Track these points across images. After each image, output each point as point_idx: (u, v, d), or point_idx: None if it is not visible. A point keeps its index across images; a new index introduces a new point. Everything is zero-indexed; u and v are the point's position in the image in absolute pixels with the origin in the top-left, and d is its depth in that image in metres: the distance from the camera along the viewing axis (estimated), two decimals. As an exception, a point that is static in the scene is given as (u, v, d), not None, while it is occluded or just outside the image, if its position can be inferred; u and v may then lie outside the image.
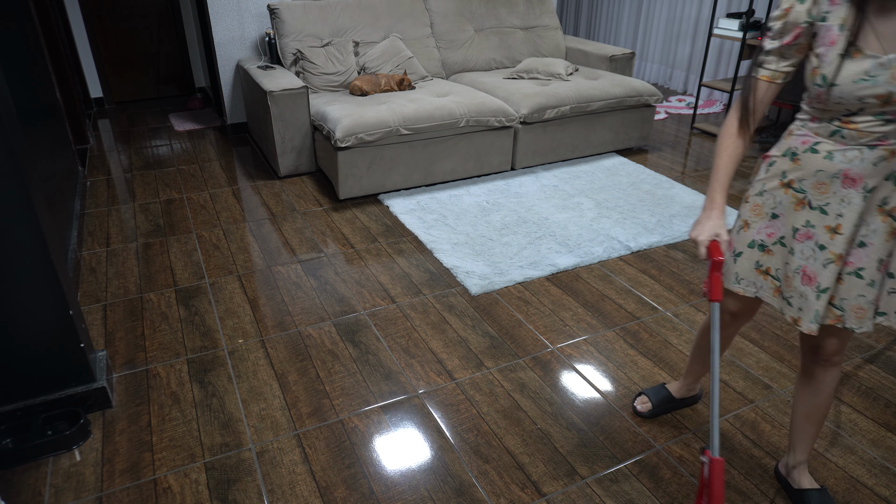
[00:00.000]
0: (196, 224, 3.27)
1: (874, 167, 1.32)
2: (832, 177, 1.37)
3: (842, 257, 1.39)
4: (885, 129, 1.29)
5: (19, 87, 2.54)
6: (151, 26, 5.53)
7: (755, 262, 1.55)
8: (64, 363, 1.90)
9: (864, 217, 1.37)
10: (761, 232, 1.53)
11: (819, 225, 1.41)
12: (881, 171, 1.33)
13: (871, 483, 1.74)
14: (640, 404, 1.99)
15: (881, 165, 1.32)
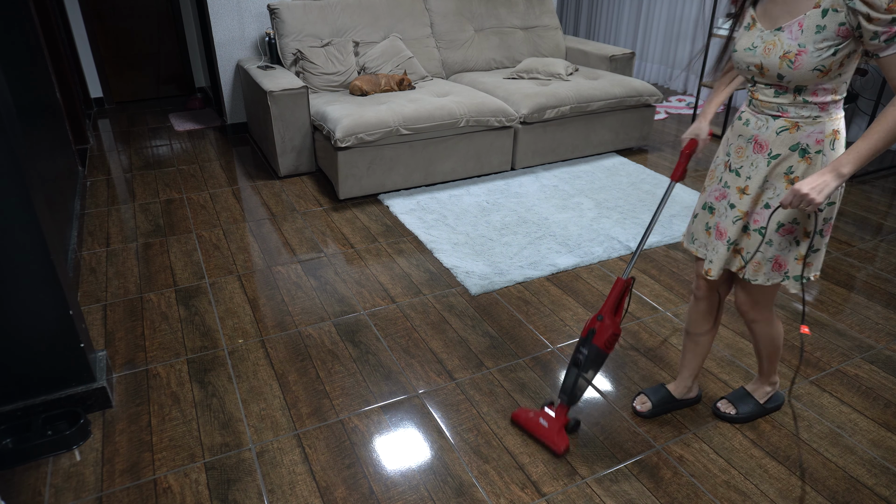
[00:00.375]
0: (196, 224, 3.27)
1: (777, 136, 1.49)
2: (747, 141, 1.56)
3: (748, 214, 1.58)
4: (780, 101, 1.46)
5: (19, 87, 2.54)
6: (151, 26, 5.53)
7: (705, 224, 1.75)
8: (64, 363, 1.90)
9: (771, 181, 1.54)
10: (711, 195, 1.72)
11: (733, 185, 1.62)
12: (784, 140, 1.49)
13: (871, 483, 1.74)
14: (640, 404, 2.00)
15: (783, 135, 1.49)
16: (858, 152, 1.34)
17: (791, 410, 2.00)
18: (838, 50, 1.35)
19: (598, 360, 1.81)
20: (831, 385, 2.12)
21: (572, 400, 1.85)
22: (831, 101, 1.44)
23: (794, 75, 1.39)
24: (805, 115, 1.45)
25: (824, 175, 1.37)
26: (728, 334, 2.38)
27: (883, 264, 2.88)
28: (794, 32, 1.37)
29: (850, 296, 2.63)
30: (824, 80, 1.40)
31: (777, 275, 1.62)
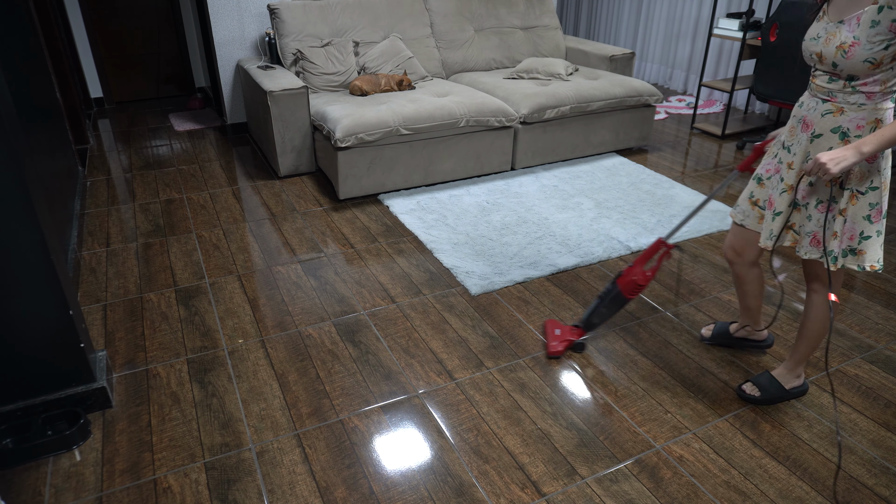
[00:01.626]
0: (196, 224, 3.27)
1: (822, 118, 1.62)
2: (798, 121, 1.69)
3: (793, 188, 1.71)
4: (832, 87, 1.59)
5: (19, 87, 2.54)
6: (151, 26, 5.53)
7: (750, 193, 1.90)
8: (64, 363, 1.90)
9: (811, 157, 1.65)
10: (763, 167, 1.87)
11: (784, 161, 1.74)
12: (828, 122, 1.61)
13: (871, 483, 1.74)
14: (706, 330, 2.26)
15: (827, 118, 1.61)
16: (883, 135, 1.46)
17: (830, 385, 2.00)
18: (890, 45, 1.46)
19: (617, 300, 2.09)
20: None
21: (587, 326, 2.19)
22: (879, 92, 1.53)
23: (846, 65, 1.51)
24: (852, 101, 1.56)
25: (846, 150, 1.49)
26: (728, 334, 2.38)
27: (883, 264, 2.88)
28: (852, 25, 1.50)
29: (850, 296, 2.63)
30: (875, 72, 1.50)
31: (815, 250, 1.70)
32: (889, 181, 1.63)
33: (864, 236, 1.64)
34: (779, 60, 3.89)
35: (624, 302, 2.09)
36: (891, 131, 1.46)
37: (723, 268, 2.84)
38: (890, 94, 1.54)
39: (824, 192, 1.65)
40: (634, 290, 2.04)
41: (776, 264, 2.87)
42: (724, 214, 3.32)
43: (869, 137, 1.48)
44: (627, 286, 2.05)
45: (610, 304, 2.10)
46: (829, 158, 1.49)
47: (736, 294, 2.06)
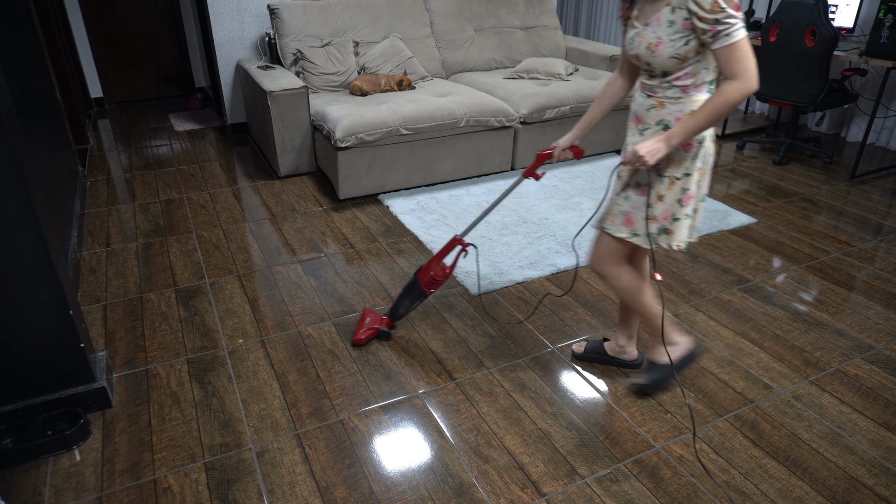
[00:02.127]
0: (196, 224, 3.27)
1: (647, 112, 1.73)
2: (632, 116, 1.81)
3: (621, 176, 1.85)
4: (652, 83, 1.71)
5: (19, 87, 2.54)
6: (151, 26, 5.53)
7: None
8: (64, 363, 1.90)
9: None
10: None
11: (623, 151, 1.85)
12: (653, 116, 1.72)
13: (871, 483, 1.74)
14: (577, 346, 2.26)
15: (652, 112, 1.72)
16: (686, 127, 1.59)
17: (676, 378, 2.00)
18: (689, 41, 1.57)
19: (417, 292, 2.23)
20: (831, 385, 2.12)
21: (393, 316, 2.33)
22: (691, 85, 1.64)
23: (657, 62, 1.64)
24: (669, 95, 1.67)
25: (658, 142, 1.62)
26: (728, 334, 2.38)
27: (883, 264, 2.88)
28: (654, 27, 1.62)
29: (850, 296, 2.63)
30: (684, 66, 1.62)
31: (625, 230, 1.82)
32: (709, 167, 1.75)
33: (675, 218, 1.76)
34: (779, 60, 3.88)
35: (424, 294, 2.24)
36: (693, 122, 1.57)
37: (722, 268, 2.84)
38: (702, 85, 1.64)
39: (643, 177, 1.76)
40: (432, 283, 2.20)
41: (776, 264, 2.87)
42: (725, 214, 3.32)
43: (675, 129, 1.60)
44: (426, 280, 2.19)
45: (412, 297, 2.26)
46: (647, 151, 1.61)
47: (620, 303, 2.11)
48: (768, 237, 3.12)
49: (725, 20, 1.48)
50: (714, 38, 1.50)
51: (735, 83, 1.51)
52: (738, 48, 1.49)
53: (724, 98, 1.52)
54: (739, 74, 1.51)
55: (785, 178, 3.88)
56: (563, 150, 2.00)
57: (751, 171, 3.99)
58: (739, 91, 1.51)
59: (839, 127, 4.73)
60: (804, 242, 3.07)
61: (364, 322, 2.35)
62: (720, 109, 1.54)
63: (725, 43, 1.50)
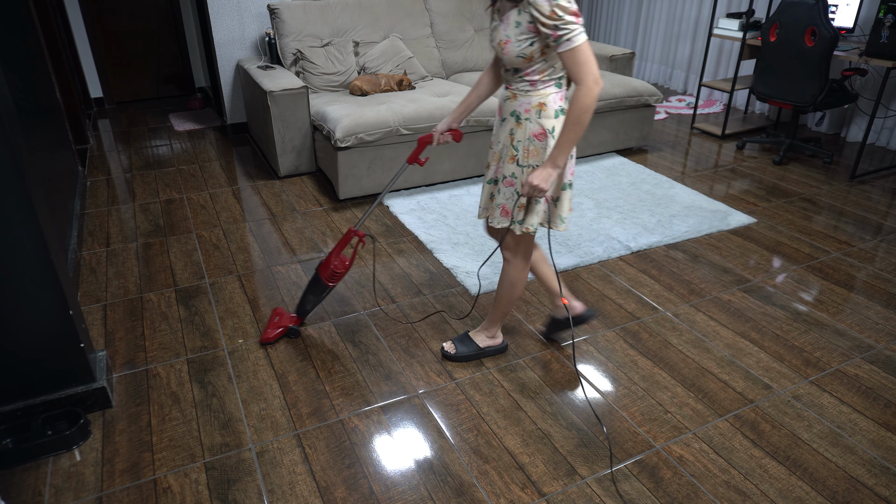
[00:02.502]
0: (196, 224, 3.27)
1: (505, 103, 1.84)
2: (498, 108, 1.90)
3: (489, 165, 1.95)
4: (507, 76, 1.80)
5: (19, 87, 2.54)
6: (151, 26, 5.53)
7: None
8: (64, 363, 1.90)
9: (501, 138, 1.88)
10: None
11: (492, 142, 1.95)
12: (508, 107, 1.83)
13: (872, 483, 1.74)
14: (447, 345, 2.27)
15: (507, 103, 1.83)
16: (560, 145, 1.69)
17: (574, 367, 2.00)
18: (534, 42, 1.66)
19: (320, 286, 2.28)
20: (831, 385, 2.12)
21: (300, 313, 2.36)
22: (539, 80, 1.75)
23: (505, 59, 1.73)
24: (521, 88, 1.78)
25: (546, 168, 1.73)
26: (728, 334, 2.38)
27: (883, 264, 2.88)
28: (505, 25, 1.70)
29: (850, 296, 2.63)
30: (531, 65, 1.71)
31: (505, 220, 1.92)
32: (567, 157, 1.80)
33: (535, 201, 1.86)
34: (779, 60, 3.88)
35: (326, 288, 2.28)
36: (564, 137, 1.67)
37: (722, 268, 2.84)
38: (550, 81, 1.76)
39: (508, 169, 1.86)
40: (333, 276, 2.26)
41: (776, 264, 2.87)
42: (725, 214, 3.32)
43: (554, 151, 1.70)
44: (327, 274, 2.25)
45: (315, 292, 2.31)
46: (540, 180, 1.72)
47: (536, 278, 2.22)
48: (768, 237, 3.12)
49: (564, 26, 1.57)
50: (557, 42, 1.60)
51: (581, 88, 1.60)
52: (579, 52, 1.58)
53: (579, 105, 1.62)
54: (583, 78, 1.60)
55: (785, 178, 3.88)
56: (441, 133, 2.07)
57: (751, 171, 3.99)
58: (588, 95, 1.60)
59: (839, 127, 4.73)
60: (804, 242, 3.07)
61: (273, 321, 2.36)
62: (580, 117, 1.63)
63: (568, 47, 1.59)
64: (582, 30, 1.59)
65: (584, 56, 1.59)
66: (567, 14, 1.56)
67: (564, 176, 1.88)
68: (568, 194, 1.91)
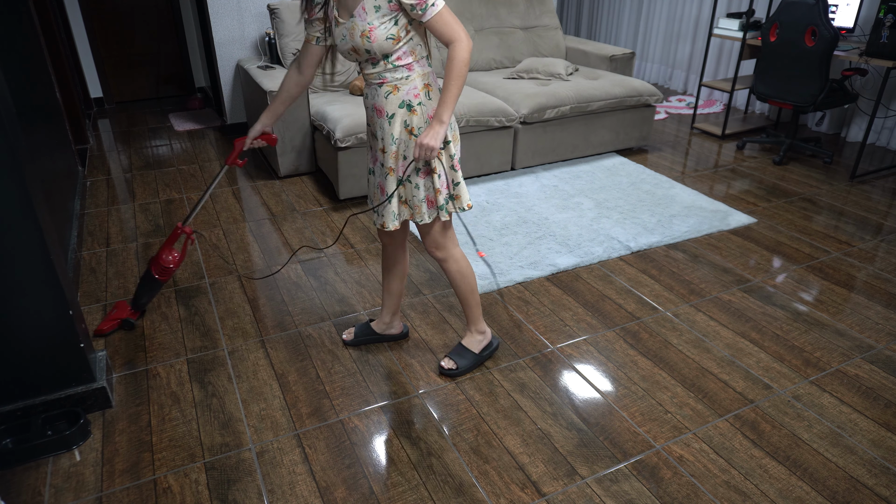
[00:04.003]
0: (196, 224, 3.27)
1: (387, 100, 1.79)
2: (371, 111, 1.85)
3: (393, 169, 1.87)
4: (378, 70, 1.76)
5: (19, 87, 2.54)
6: (151, 26, 5.53)
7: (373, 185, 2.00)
8: (64, 363, 1.90)
9: (399, 137, 1.82)
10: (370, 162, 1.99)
11: (376, 148, 1.89)
12: (393, 101, 1.79)
13: (872, 483, 1.74)
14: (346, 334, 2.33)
15: (391, 98, 1.78)
16: (446, 101, 1.70)
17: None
18: (398, 19, 1.68)
19: (152, 281, 2.36)
20: (831, 385, 2.12)
21: (136, 306, 2.42)
22: (413, 62, 1.76)
23: (375, 46, 1.70)
24: (399, 77, 1.76)
25: (433, 126, 1.73)
26: (728, 334, 2.38)
27: (883, 264, 2.88)
28: (362, 16, 1.69)
29: (850, 296, 2.63)
30: (400, 46, 1.72)
31: (433, 210, 1.91)
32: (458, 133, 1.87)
33: (455, 183, 1.88)
34: (779, 60, 3.88)
35: (158, 283, 2.36)
36: (447, 93, 1.70)
37: (722, 268, 2.84)
38: (422, 59, 1.78)
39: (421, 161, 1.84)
40: (164, 272, 2.34)
41: (776, 264, 2.87)
42: (725, 214, 3.32)
43: (438, 108, 1.72)
44: (157, 268, 2.33)
45: (148, 286, 2.36)
46: (429, 138, 1.72)
47: (384, 278, 2.22)
48: (768, 237, 3.12)
49: None
50: (423, 10, 1.64)
51: (458, 44, 1.67)
52: (445, 14, 1.66)
53: (458, 60, 1.67)
54: (455, 37, 1.67)
55: (785, 178, 3.88)
56: (252, 139, 2.07)
57: (751, 171, 3.99)
58: (465, 49, 1.67)
59: (839, 127, 4.73)
60: (804, 242, 3.07)
61: (111, 313, 2.42)
62: (461, 70, 1.68)
63: (433, 13, 1.65)
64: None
65: (450, 16, 1.67)
66: None
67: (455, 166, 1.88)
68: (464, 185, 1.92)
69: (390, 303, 2.25)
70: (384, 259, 2.18)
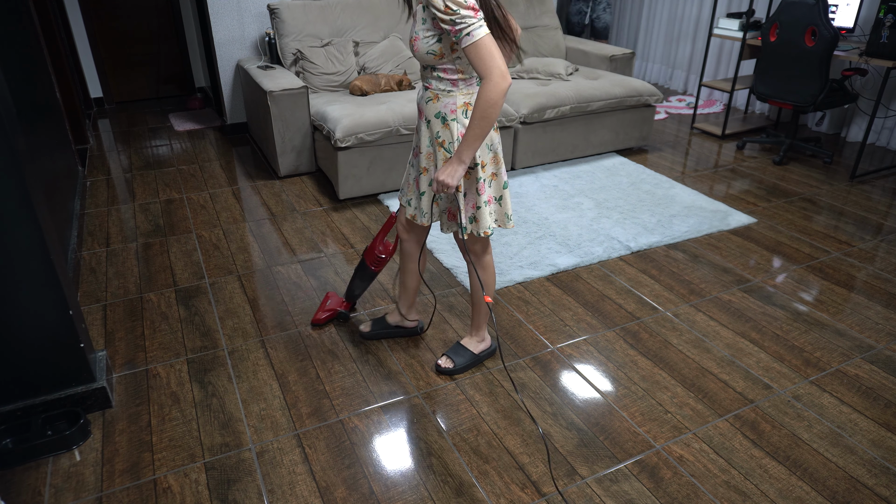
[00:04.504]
0: (196, 224, 3.27)
1: (427, 104, 1.80)
2: (418, 108, 1.86)
3: (426, 170, 1.87)
4: (426, 75, 1.78)
5: (19, 87, 2.54)
6: (151, 26, 5.53)
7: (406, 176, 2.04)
8: (64, 363, 1.90)
9: (430, 143, 1.84)
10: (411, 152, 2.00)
11: (416, 145, 1.92)
12: (431, 108, 1.79)
13: (872, 483, 1.74)
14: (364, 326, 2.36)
15: (430, 104, 1.79)
16: (466, 141, 1.66)
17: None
18: (441, 38, 1.66)
19: (363, 271, 2.33)
20: (831, 385, 2.12)
21: (349, 298, 2.43)
22: (459, 79, 1.74)
23: (417, 56, 1.72)
24: (442, 88, 1.76)
25: (452, 164, 1.71)
26: (728, 334, 2.38)
27: (883, 264, 2.88)
28: (414, 23, 1.72)
29: (850, 296, 2.63)
30: (444, 62, 1.70)
31: (454, 224, 1.94)
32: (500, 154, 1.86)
33: (476, 207, 1.87)
34: (779, 60, 3.88)
35: (372, 273, 2.33)
36: (470, 133, 1.64)
37: (722, 268, 2.84)
38: (471, 79, 1.75)
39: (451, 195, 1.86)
40: (378, 261, 2.29)
41: (776, 264, 2.87)
42: (725, 214, 3.32)
43: (461, 146, 1.68)
44: (371, 259, 2.30)
45: (362, 277, 2.35)
46: (446, 175, 1.71)
47: (399, 272, 2.23)
48: (768, 237, 3.12)
49: (461, 21, 1.54)
50: (457, 38, 1.57)
51: (487, 83, 1.56)
52: (480, 46, 1.54)
53: (484, 100, 1.58)
54: (488, 73, 1.56)
55: (785, 178, 3.88)
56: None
57: (751, 171, 3.99)
58: (493, 90, 1.56)
59: (839, 127, 4.73)
60: (804, 242, 3.07)
61: (324, 304, 2.45)
62: (486, 112, 1.59)
63: (468, 42, 1.55)
64: (482, 24, 1.55)
65: (486, 50, 1.55)
66: (462, 8, 1.53)
67: (501, 175, 1.89)
68: (486, 211, 1.89)
69: (404, 297, 2.26)
70: (401, 254, 2.19)
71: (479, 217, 1.88)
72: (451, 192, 1.74)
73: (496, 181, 1.89)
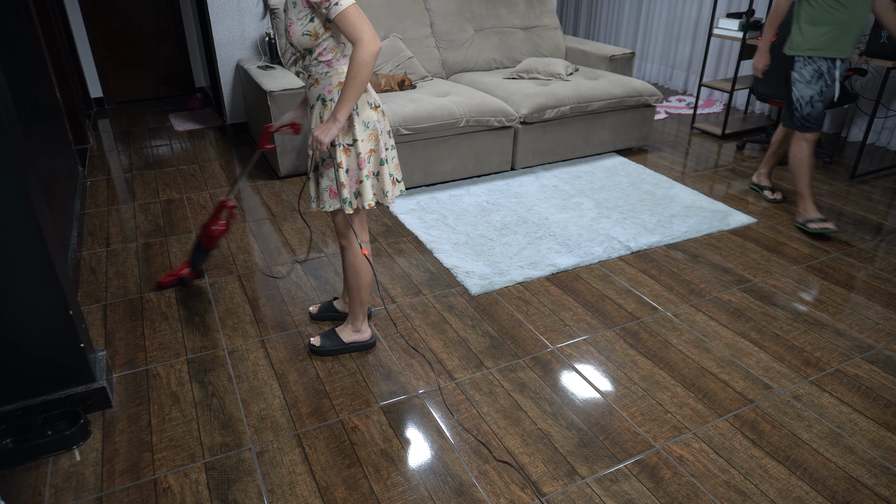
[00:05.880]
0: (196, 224, 3.27)
1: (310, 90, 1.91)
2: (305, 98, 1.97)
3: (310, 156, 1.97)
4: (306, 63, 1.87)
5: (19, 87, 2.54)
6: (151, 26, 5.53)
7: None
8: (64, 363, 1.90)
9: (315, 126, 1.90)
10: None
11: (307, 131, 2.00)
12: (313, 93, 1.90)
13: (871, 483, 1.74)
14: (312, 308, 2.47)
15: (311, 90, 1.90)
16: (341, 100, 1.76)
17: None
18: (312, 17, 1.75)
19: (202, 249, 2.57)
20: (831, 385, 2.12)
21: (192, 267, 2.65)
22: (333, 59, 1.83)
23: (294, 41, 1.80)
24: (320, 72, 1.85)
25: (328, 122, 1.80)
26: (728, 334, 2.38)
27: (883, 264, 2.88)
28: (286, 12, 1.82)
29: (850, 296, 2.63)
30: (319, 42, 1.79)
31: (335, 202, 1.99)
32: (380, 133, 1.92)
33: (359, 181, 1.93)
34: (779, 60, 3.88)
35: (207, 249, 2.58)
36: (344, 94, 1.75)
37: (722, 268, 2.84)
38: (343, 58, 1.84)
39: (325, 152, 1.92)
40: (211, 240, 2.53)
41: (776, 264, 2.87)
42: (725, 214, 3.32)
43: (336, 105, 1.78)
44: (206, 237, 2.53)
45: (199, 253, 2.59)
46: (320, 132, 1.80)
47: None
48: (768, 237, 3.12)
49: None
50: (328, 9, 1.69)
51: (359, 46, 1.69)
52: (349, 14, 1.68)
53: (356, 62, 1.70)
54: (359, 37, 1.69)
55: (785, 178, 3.88)
56: (281, 125, 2.16)
57: (751, 171, 3.99)
58: (365, 51, 1.69)
59: (839, 127, 4.73)
60: (804, 242, 3.07)
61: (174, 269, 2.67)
62: (358, 71, 1.71)
63: (337, 11, 1.68)
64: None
65: (355, 16, 1.68)
66: None
67: (379, 151, 1.95)
68: (386, 169, 1.98)
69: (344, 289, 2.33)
70: None
71: (363, 191, 1.94)
72: (324, 149, 1.82)
73: (374, 157, 1.95)
